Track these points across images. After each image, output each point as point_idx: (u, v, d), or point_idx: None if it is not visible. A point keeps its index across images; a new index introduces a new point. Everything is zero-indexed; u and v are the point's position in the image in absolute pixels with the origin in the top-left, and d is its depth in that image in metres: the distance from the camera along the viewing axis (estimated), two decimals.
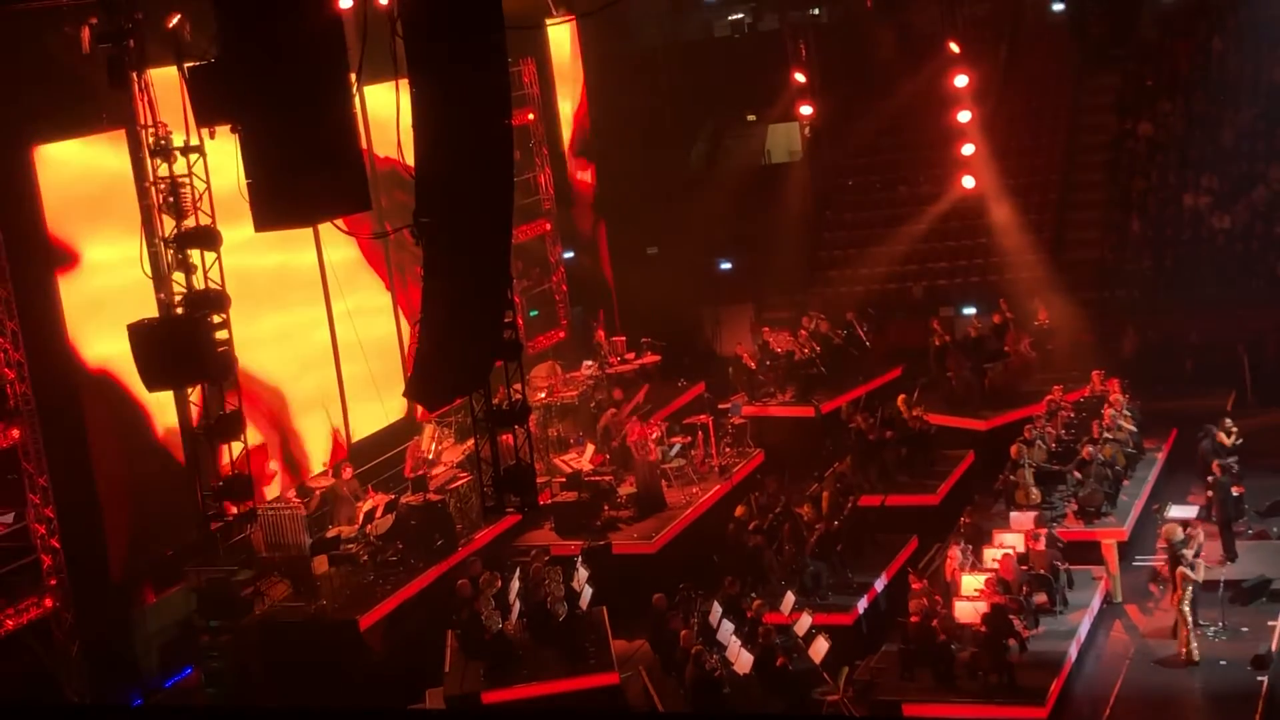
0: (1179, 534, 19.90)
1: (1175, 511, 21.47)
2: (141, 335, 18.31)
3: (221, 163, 17.15)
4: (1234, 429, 23.34)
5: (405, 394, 19.03)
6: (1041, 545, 20.68)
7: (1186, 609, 19.30)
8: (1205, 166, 31.96)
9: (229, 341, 18.98)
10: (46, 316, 20.51)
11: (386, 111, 17.21)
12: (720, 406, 26.88)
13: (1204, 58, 34.02)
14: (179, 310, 19.04)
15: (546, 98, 31.32)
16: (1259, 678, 18.59)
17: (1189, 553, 19.59)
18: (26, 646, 20.32)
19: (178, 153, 18.85)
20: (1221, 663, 19.20)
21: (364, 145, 17.74)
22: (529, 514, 19.76)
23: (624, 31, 35.44)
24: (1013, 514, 21.92)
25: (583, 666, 19.90)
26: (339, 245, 23.97)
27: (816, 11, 37.38)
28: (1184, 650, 19.34)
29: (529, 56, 30.47)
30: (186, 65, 16.82)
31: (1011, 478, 22.72)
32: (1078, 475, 22.62)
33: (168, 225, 19.10)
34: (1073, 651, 19.47)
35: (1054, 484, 22.82)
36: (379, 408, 25.03)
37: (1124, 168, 33.00)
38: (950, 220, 33.52)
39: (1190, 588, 19.28)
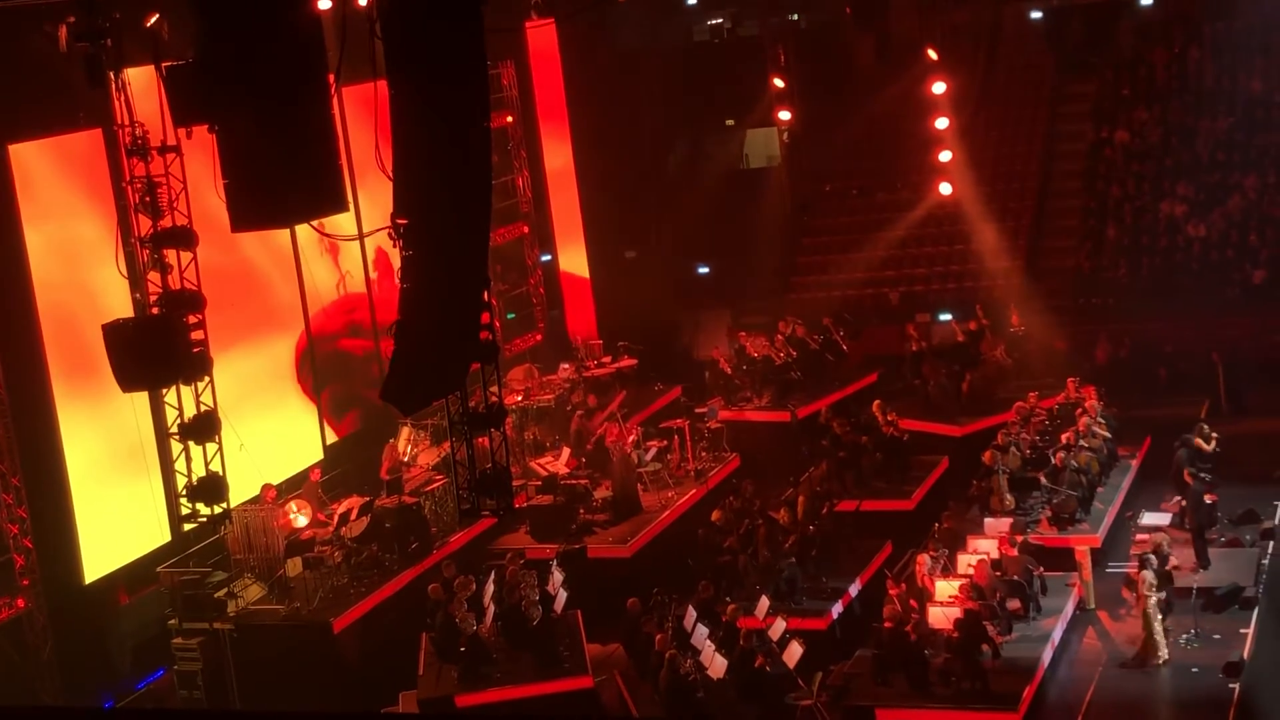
0: (1166, 546, 20.01)
1: (1148, 519, 21.56)
2: (116, 335, 18.26)
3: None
4: (1214, 435, 23.45)
5: (381, 396, 18.98)
6: (1016, 551, 20.74)
7: (1151, 611, 19.39)
8: (1181, 175, 32.12)
9: (204, 342, 18.94)
10: (20, 316, 20.42)
11: (365, 112, 17.18)
12: (697, 410, 26.88)
13: (1180, 67, 34.20)
14: (154, 310, 19.00)
15: (526, 100, 31.32)
16: (1231, 685, 18.65)
17: (1154, 558, 19.69)
18: None
19: (155, 152, 18.80)
20: (1194, 669, 19.27)
21: (342, 147, 17.72)
22: (504, 517, 19.75)
23: (604, 35, 35.46)
24: (987, 520, 21.98)
25: (557, 670, 19.88)
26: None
27: (796, 17, 37.43)
28: (1144, 652, 19.45)
29: (508, 59, 30.46)
30: (164, 65, 16.78)
31: (985, 484, 22.77)
32: (1043, 479, 22.65)
33: (144, 225, 19.05)
34: (1046, 657, 19.52)
35: (1028, 490, 22.89)
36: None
37: (1100, 176, 33.14)
38: (927, 226, 33.63)
39: (1152, 593, 19.36)
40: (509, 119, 30.59)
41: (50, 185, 20.80)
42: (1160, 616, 19.43)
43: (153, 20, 18.87)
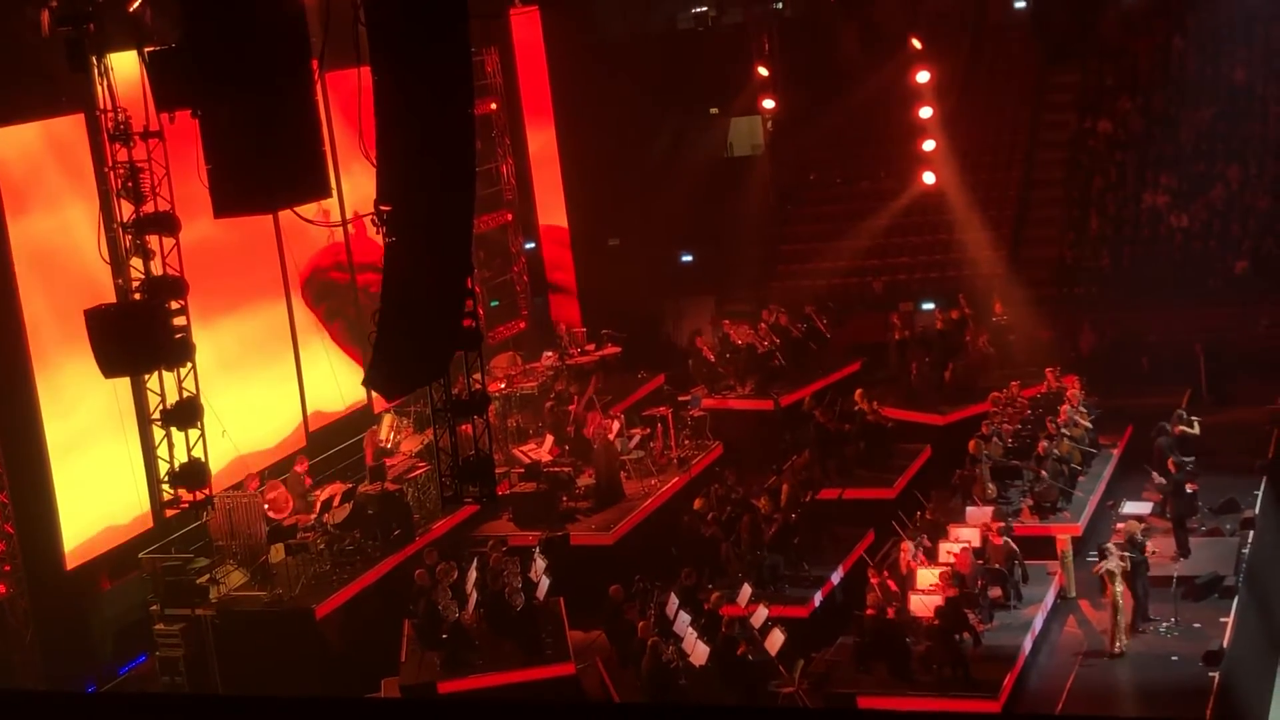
0: (1140, 534, 20.07)
1: (1129, 508, 21.62)
2: (99, 321, 18.23)
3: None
4: (1194, 419, 23.53)
5: (364, 382, 18.99)
6: (997, 540, 20.79)
7: (1120, 604, 19.48)
8: (1164, 165, 32.18)
9: (186, 327, 18.92)
10: (1, 303, 20.35)
11: (349, 99, 17.16)
12: (680, 398, 26.91)
13: (1164, 57, 34.25)
14: (137, 296, 18.97)
15: (510, 87, 31.29)
16: (1211, 673, 18.71)
17: (1113, 548, 19.75)
18: None
19: (137, 137, 18.76)
20: (1173, 658, 19.34)
21: (325, 133, 17.70)
22: (487, 504, 19.76)
23: (588, 22, 35.42)
24: (969, 509, 22.03)
25: (539, 657, 19.91)
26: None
27: (780, 5, 37.43)
28: (1112, 641, 19.55)
29: (492, 46, 30.42)
30: (147, 50, 16.74)
31: (969, 473, 22.83)
32: (1043, 472, 22.73)
33: (126, 210, 19.01)
34: (1027, 645, 19.59)
35: (1010, 479, 22.94)
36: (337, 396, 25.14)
37: (1083, 166, 33.19)
38: (911, 215, 33.65)
39: (1118, 580, 19.42)
40: (493, 106, 30.55)
41: (32, 170, 20.72)
42: (1121, 606, 19.47)
43: (136, 5, 18.80)
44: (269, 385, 24.20)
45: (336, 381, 25.08)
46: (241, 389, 23.10)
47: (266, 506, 21.43)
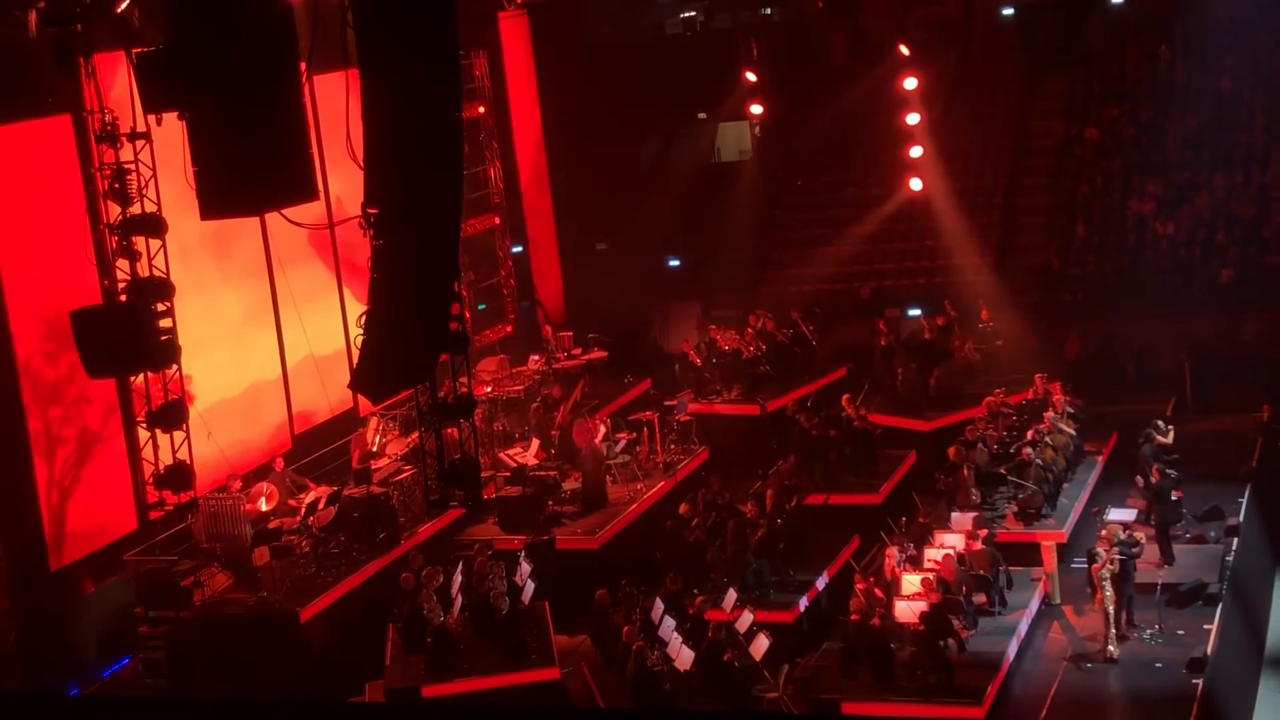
0: (1122, 533, 20.11)
1: (1114, 515, 21.67)
2: (85, 322, 18.23)
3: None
4: (1169, 427, 23.60)
5: (350, 385, 18.98)
6: (981, 546, 20.83)
7: (1110, 609, 19.51)
8: (1150, 173, 32.28)
9: (172, 329, 18.90)
10: None
11: (337, 101, 17.15)
12: (666, 403, 26.90)
13: (1151, 65, 34.38)
14: (123, 297, 18.95)
15: (498, 91, 31.30)
16: (1194, 680, 18.77)
17: (1101, 550, 19.79)
18: None
19: (124, 139, 18.74)
20: (1157, 665, 19.38)
21: (313, 135, 17.70)
22: (473, 508, 19.75)
23: (576, 27, 35.44)
24: (953, 515, 22.05)
25: (524, 661, 19.89)
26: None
27: (768, 11, 37.49)
28: (1103, 648, 19.57)
29: (481, 49, 30.44)
30: (135, 51, 16.73)
31: (952, 479, 22.84)
32: (1010, 476, 22.77)
33: (113, 211, 18.99)
34: (1011, 652, 19.61)
35: (994, 485, 22.97)
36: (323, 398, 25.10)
37: (1070, 173, 33.28)
38: (897, 222, 33.70)
39: (1108, 586, 19.45)
40: (481, 110, 30.56)
41: (18, 171, 20.66)
42: (1111, 610, 19.51)
43: (124, 6, 18.80)
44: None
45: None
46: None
47: (261, 501, 21.45)
